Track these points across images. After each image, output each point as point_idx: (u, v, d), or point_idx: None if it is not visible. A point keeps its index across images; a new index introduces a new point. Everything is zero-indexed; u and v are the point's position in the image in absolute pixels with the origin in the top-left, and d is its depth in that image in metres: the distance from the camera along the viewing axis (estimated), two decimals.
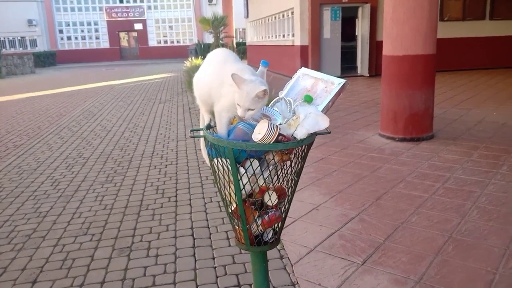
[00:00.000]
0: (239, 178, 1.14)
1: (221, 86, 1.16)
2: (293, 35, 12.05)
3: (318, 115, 1.13)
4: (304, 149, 1.21)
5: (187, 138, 5.36)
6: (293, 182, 1.24)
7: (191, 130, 1.30)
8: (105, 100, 9.38)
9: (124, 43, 32.59)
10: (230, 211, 1.25)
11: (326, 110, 1.19)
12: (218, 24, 13.60)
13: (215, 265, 2.29)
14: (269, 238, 1.29)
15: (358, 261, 2.25)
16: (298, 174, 1.23)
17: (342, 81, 1.22)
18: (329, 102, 1.20)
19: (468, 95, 7.58)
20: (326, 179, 3.56)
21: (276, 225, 1.28)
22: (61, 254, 2.52)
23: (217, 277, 2.18)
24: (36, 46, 29.52)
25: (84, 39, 31.51)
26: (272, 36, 14.67)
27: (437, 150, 4.24)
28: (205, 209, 3.09)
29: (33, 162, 4.56)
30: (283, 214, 1.27)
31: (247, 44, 19.89)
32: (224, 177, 1.19)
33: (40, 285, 2.20)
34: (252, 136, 1.11)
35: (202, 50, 15.80)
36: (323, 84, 1.24)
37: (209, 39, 18.48)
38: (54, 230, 2.84)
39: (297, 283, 2.09)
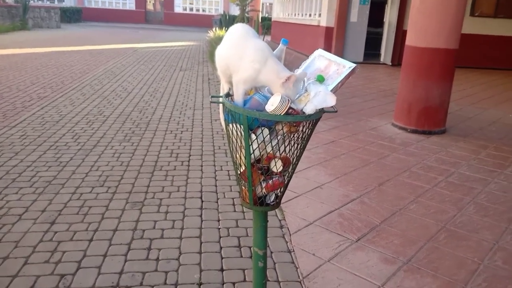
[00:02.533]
0: (250, 143, 1.28)
1: (240, 60, 1.28)
2: (319, 15, 11.96)
3: (327, 94, 1.25)
4: (311, 124, 1.34)
5: (204, 107, 5.50)
6: (298, 153, 1.37)
7: (212, 96, 1.43)
8: (127, 62, 9.53)
9: (150, 6, 32.51)
10: (239, 173, 1.39)
11: (335, 90, 1.31)
12: None
13: (219, 227, 2.47)
14: (271, 201, 1.43)
15: (353, 238, 2.39)
16: (303, 147, 1.36)
17: (353, 65, 1.33)
18: (338, 83, 1.31)
19: (488, 95, 7.54)
20: (333, 161, 3.68)
21: (278, 190, 1.42)
22: (78, 201, 2.71)
23: (220, 237, 2.36)
24: (63, 1, 29.65)
25: None
26: (298, 14, 14.54)
27: (447, 145, 4.31)
28: (215, 176, 3.25)
29: (55, 115, 4.76)
30: (286, 181, 1.41)
31: (272, 19, 19.73)
32: (236, 142, 1.33)
33: (57, 226, 2.40)
34: (266, 107, 1.24)
35: (227, 21, 15.74)
36: (335, 66, 1.35)
37: (235, 11, 18.39)
38: (73, 179, 3.04)
39: (293, 251, 2.25)
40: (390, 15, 11.18)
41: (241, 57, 1.29)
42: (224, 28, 14.47)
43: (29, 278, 1.93)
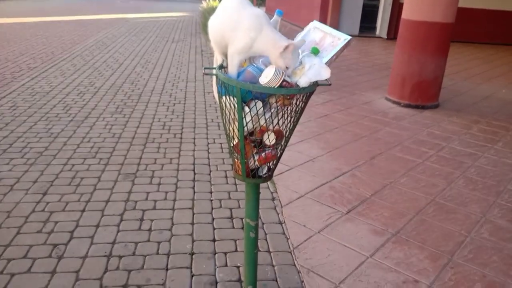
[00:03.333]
0: (243, 116, 1.26)
1: (235, 30, 1.25)
2: None
3: (321, 67, 1.23)
4: (305, 96, 1.33)
5: (197, 80, 5.44)
6: (291, 126, 1.36)
7: (205, 68, 1.41)
8: (118, 32, 9.35)
9: None
10: (232, 145, 1.39)
11: (329, 63, 1.29)
12: None
13: (211, 198, 2.48)
14: (263, 173, 1.43)
15: (343, 211, 2.42)
16: (297, 120, 1.35)
17: (348, 37, 1.31)
18: (333, 55, 1.30)
19: (482, 69, 7.53)
20: (326, 135, 3.69)
21: (271, 163, 1.42)
22: (70, 172, 2.70)
23: (212, 208, 2.37)
24: None
25: None
26: None
27: (439, 120, 4.33)
28: (207, 148, 3.25)
29: (46, 86, 4.69)
30: (278, 154, 1.41)
31: None
32: (230, 114, 1.32)
33: (49, 197, 2.40)
34: (259, 79, 1.22)
35: None
36: (330, 38, 1.33)
37: None
38: (65, 151, 3.02)
39: (284, 222, 2.28)
40: None
41: (236, 27, 1.26)
42: None
43: (22, 248, 1.94)
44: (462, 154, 3.45)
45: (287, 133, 1.40)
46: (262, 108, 1.28)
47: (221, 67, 1.37)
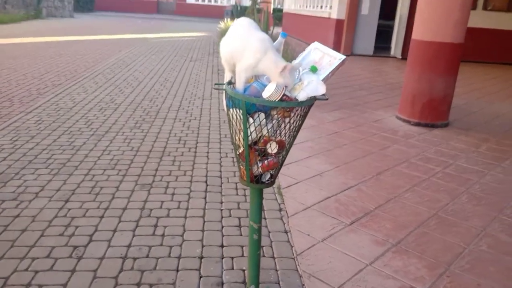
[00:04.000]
0: (248, 126, 1.42)
1: (243, 50, 1.42)
2: (330, 7, 11.98)
3: (318, 83, 1.38)
4: (303, 110, 1.48)
5: (213, 97, 5.64)
6: (291, 137, 1.51)
7: (215, 84, 1.58)
8: (139, 52, 9.71)
9: None
10: (237, 153, 1.54)
11: (326, 80, 1.44)
12: None
13: (221, 208, 2.62)
14: (266, 179, 1.58)
15: (347, 222, 2.53)
16: (297, 131, 1.50)
17: (343, 57, 1.46)
18: (329, 73, 1.45)
19: (496, 89, 7.57)
20: (335, 151, 3.81)
21: (273, 170, 1.57)
22: (90, 182, 2.89)
23: (222, 217, 2.51)
24: None
25: None
26: (309, 5, 14.56)
27: (448, 138, 4.41)
28: (220, 162, 3.40)
29: (69, 102, 4.95)
30: (280, 162, 1.56)
31: (283, 11, 19.73)
32: (236, 125, 1.48)
33: (71, 204, 2.57)
34: (262, 93, 1.38)
35: (238, 12, 15.81)
36: (328, 58, 1.49)
37: (246, 2, 18.46)
38: (86, 162, 3.22)
39: (290, 231, 2.40)
40: (402, 7, 11.17)
41: (244, 48, 1.43)
42: (235, 19, 14.55)
43: (45, 248, 2.11)
44: (469, 171, 3.53)
45: (288, 143, 1.54)
46: (264, 119, 1.43)
47: (230, 83, 1.54)
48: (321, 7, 13.16)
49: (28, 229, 2.28)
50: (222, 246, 2.22)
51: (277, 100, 1.36)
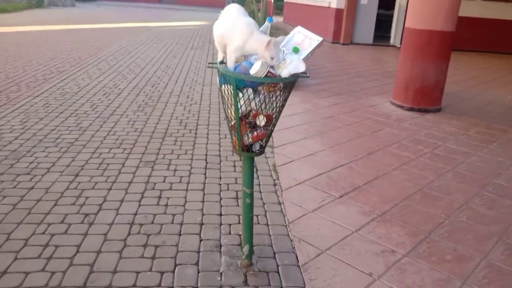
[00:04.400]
0: (238, 100, 1.61)
1: (233, 33, 1.60)
2: None
3: (299, 61, 1.56)
4: (286, 85, 1.66)
5: (213, 83, 5.81)
6: (277, 110, 1.69)
7: (209, 63, 1.76)
8: (140, 40, 9.85)
9: None
10: (230, 125, 1.73)
11: (306, 59, 1.62)
12: None
13: (220, 183, 2.82)
14: (256, 149, 1.77)
15: (336, 195, 2.73)
16: (282, 106, 1.68)
17: (320, 38, 1.64)
18: (308, 53, 1.63)
19: (491, 78, 7.72)
20: (330, 133, 3.99)
21: (262, 141, 1.75)
22: (98, 159, 3.08)
23: (220, 190, 2.71)
24: None
25: None
26: None
27: (439, 122, 4.59)
28: (219, 142, 3.59)
29: (74, 87, 5.13)
30: (268, 134, 1.74)
31: (285, 0, 19.78)
32: (228, 100, 1.66)
33: (81, 178, 2.77)
34: (250, 71, 1.56)
35: (239, 1, 15.91)
36: (308, 40, 1.66)
37: None
38: (93, 142, 3.41)
39: (283, 203, 2.59)
40: None
41: (233, 31, 1.61)
42: None
43: (59, 216, 2.31)
44: (456, 152, 3.71)
45: (275, 117, 1.73)
46: (252, 94, 1.62)
47: (222, 62, 1.72)
48: None
49: (43, 199, 2.47)
50: (220, 215, 2.42)
51: (262, 77, 1.54)
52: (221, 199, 2.60)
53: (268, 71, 1.53)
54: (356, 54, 9.71)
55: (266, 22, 1.71)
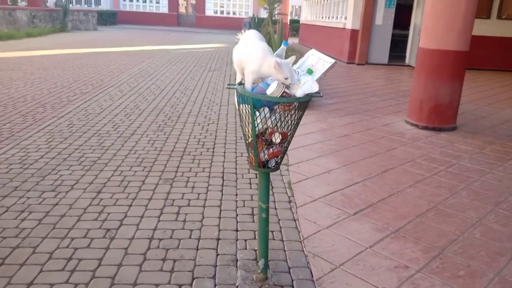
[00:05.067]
0: (255, 118, 1.71)
1: (250, 57, 1.72)
2: (345, 18, 12.26)
3: (312, 82, 1.66)
4: (301, 105, 1.75)
5: (230, 104, 5.96)
6: (292, 128, 1.79)
7: (228, 84, 1.87)
8: (160, 62, 10.15)
9: (182, 9, 33.48)
10: (247, 142, 1.83)
11: (319, 80, 1.72)
12: (273, 1, 13.95)
13: (236, 199, 2.90)
14: (272, 165, 1.86)
15: (350, 212, 2.78)
16: (296, 123, 1.78)
17: (332, 60, 1.74)
18: (321, 74, 1.73)
19: (507, 96, 7.69)
20: (344, 152, 4.06)
21: (277, 157, 1.84)
22: (119, 177, 3.21)
23: (237, 207, 2.79)
24: (100, 5, 30.97)
25: (145, 1, 32.62)
26: (325, 17, 14.87)
27: (454, 141, 4.60)
28: (235, 160, 3.69)
29: (97, 108, 5.33)
30: (283, 150, 1.84)
31: (300, 22, 20.11)
32: (245, 118, 1.77)
33: (103, 195, 2.89)
34: (266, 91, 1.67)
35: (256, 24, 16.23)
36: (322, 62, 1.77)
37: (264, 14, 18.93)
38: (114, 160, 3.55)
39: (298, 219, 2.66)
40: (416, 17, 11.36)
41: (249, 55, 1.73)
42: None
43: (82, 230, 2.42)
44: (471, 170, 3.72)
45: (290, 134, 1.82)
46: (268, 113, 1.71)
47: (240, 83, 1.83)
48: (336, 17, 13.45)
49: (66, 215, 2.59)
50: (236, 230, 2.49)
51: (278, 96, 1.64)
52: (237, 215, 2.68)
53: (284, 91, 1.63)
54: (371, 74, 9.79)
55: (282, 45, 1.83)
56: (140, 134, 4.30)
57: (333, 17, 13.90)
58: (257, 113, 1.71)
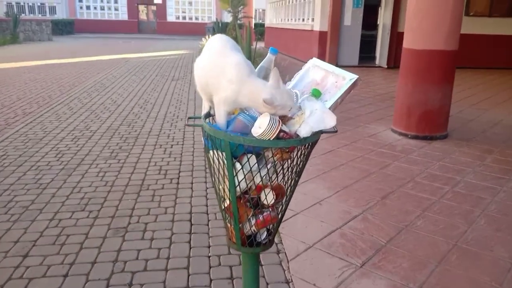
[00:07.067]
0: (234, 174, 1.06)
1: (218, 78, 1.07)
2: (312, 19, 11.81)
3: (324, 112, 1.04)
4: (307, 147, 1.13)
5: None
6: (292, 181, 1.16)
7: (189, 118, 1.22)
8: (118, 73, 9.33)
9: (142, 16, 32.43)
10: (223, 207, 1.18)
11: (334, 108, 1.10)
12: (237, 4, 13.36)
13: (209, 254, 2.24)
14: (262, 239, 1.21)
15: (357, 263, 2.17)
16: (299, 174, 1.15)
17: (354, 76, 1.12)
18: (338, 98, 1.11)
19: (487, 95, 7.37)
20: (332, 173, 3.47)
21: (271, 226, 1.20)
22: (56, 229, 2.48)
23: (210, 267, 2.13)
24: (55, 13, 29.55)
25: (103, 9, 31.41)
26: (291, 19, 14.41)
27: (450, 151, 4.11)
28: (206, 194, 3.03)
29: (39, 132, 4.54)
30: (279, 215, 1.20)
31: (265, 26, 19.61)
32: (219, 171, 1.11)
33: (31, 259, 2.17)
34: (252, 130, 1.03)
35: (220, 29, 15.58)
36: (333, 78, 1.15)
37: (228, 18, 18.30)
38: (52, 204, 2.81)
39: (292, 281, 2.03)
40: (384, 17, 11.04)
41: (218, 75, 1.08)
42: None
43: None
44: (479, 188, 3.22)
45: (289, 190, 1.19)
46: (256, 164, 1.07)
47: (208, 115, 1.18)
48: (303, 19, 13.00)
49: None
50: None
51: (272, 139, 1.01)
52: (211, 280, 2.02)
53: (280, 130, 1.00)
54: None
55: (269, 54, 1.20)
56: (89, 164, 3.57)
57: (299, 19, 13.44)
58: (238, 165, 1.07)
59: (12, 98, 6.35)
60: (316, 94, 1.13)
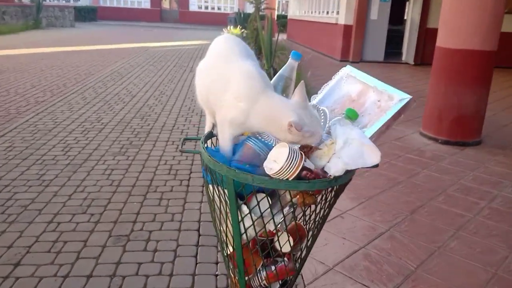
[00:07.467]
0: (240, 219, 0.80)
1: (223, 91, 0.82)
2: (337, 12, 11.40)
3: (364, 144, 0.78)
4: (338, 189, 0.87)
5: None
6: (316, 225, 0.90)
7: (184, 139, 0.97)
8: (136, 62, 9.16)
9: (165, 5, 32.26)
10: (225, 254, 0.93)
11: (377, 137, 0.84)
12: None
13: (217, 273, 2.01)
14: None
15: None
16: (325, 218, 0.89)
17: (406, 96, 0.87)
18: (383, 126, 0.84)
19: None
20: (356, 181, 3.16)
21: (287, 278, 0.95)
22: (53, 233, 2.29)
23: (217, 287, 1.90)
24: (78, 0, 29.60)
25: None
26: (315, 11, 14.00)
27: (484, 160, 3.78)
28: None
29: (49, 122, 4.38)
30: (297, 265, 0.94)
31: (288, 17, 19.21)
32: (221, 211, 0.86)
33: (22, 269, 1.98)
34: (265, 164, 0.76)
35: (242, 19, 15.26)
36: (375, 95, 0.89)
37: (250, 9, 17.95)
38: (53, 204, 2.62)
39: None
40: (413, 12, 10.56)
41: (224, 87, 0.82)
42: (239, 26, 14.01)
43: None
44: None
45: (311, 233, 0.93)
46: (269, 207, 0.81)
47: (210, 136, 0.93)
48: (327, 12, 12.59)
49: None
50: None
51: (291, 179, 0.75)
52: None
53: (303, 165, 0.74)
54: (368, 73, 8.95)
55: (290, 60, 0.93)
56: (96, 160, 3.37)
57: (323, 11, 13.03)
58: (245, 208, 0.81)
59: (26, 85, 6.23)
60: (352, 116, 0.86)
